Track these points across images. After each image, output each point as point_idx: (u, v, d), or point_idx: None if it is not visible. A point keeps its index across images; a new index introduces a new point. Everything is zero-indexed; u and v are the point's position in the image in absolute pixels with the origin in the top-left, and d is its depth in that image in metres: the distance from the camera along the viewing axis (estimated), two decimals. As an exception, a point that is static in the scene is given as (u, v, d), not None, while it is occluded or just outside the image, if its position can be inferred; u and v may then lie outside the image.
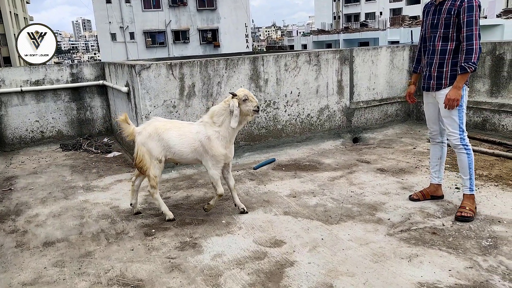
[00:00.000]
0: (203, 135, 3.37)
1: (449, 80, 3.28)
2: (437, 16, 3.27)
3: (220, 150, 3.37)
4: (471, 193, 3.35)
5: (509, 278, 2.49)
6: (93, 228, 3.51)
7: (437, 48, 3.30)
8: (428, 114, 3.62)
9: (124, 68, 5.29)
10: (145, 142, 3.41)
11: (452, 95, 3.21)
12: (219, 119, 3.38)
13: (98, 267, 2.88)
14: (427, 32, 3.41)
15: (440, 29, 3.25)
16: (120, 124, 3.51)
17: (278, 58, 5.42)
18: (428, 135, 3.73)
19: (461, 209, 3.33)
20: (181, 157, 3.46)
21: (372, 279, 2.55)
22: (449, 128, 3.35)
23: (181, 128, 3.45)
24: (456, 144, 3.34)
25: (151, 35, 35.31)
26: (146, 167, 3.43)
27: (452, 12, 3.16)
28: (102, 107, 6.91)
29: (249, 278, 2.64)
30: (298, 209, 3.67)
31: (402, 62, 6.56)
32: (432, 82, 3.38)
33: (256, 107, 3.36)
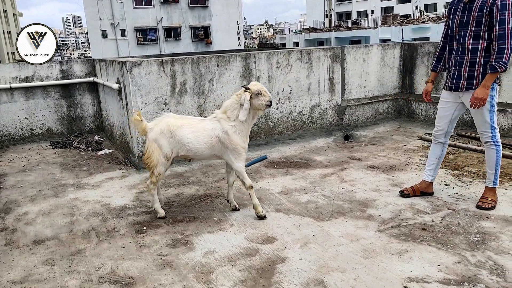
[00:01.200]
0: (220, 130, 3.32)
1: (480, 80, 3.21)
2: (467, 13, 3.21)
3: (240, 142, 3.33)
4: (494, 186, 3.43)
5: (496, 273, 2.53)
6: (83, 226, 3.49)
7: (467, 46, 3.23)
8: (443, 112, 3.52)
9: (115, 65, 5.25)
10: (156, 139, 3.35)
11: (480, 94, 3.14)
12: (233, 113, 3.33)
13: (88, 265, 2.86)
14: (454, 30, 3.34)
15: (471, 27, 3.19)
16: (133, 122, 3.43)
17: (270, 56, 5.42)
18: (433, 133, 3.65)
19: (483, 199, 3.42)
20: (196, 153, 3.41)
21: (363, 275, 2.58)
22: (481, 127, 3.34)
23: (194, 124, 3.39)
24: (487, 141, 3.37)
25: (143, 32, 35.03)
26: (153, 164, 3.38)
27: (484, 10, 3.10)
28: (92, 104, 6.85)
29: (240, 275, 2.65)
30: (289, 206, 3.69)
31: (393, 60, 6.60)
32: (462, 81, 3.30)
33: (269, 102, 3.33)
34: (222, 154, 3.41)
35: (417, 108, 6.57)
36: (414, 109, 6.62)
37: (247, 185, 3.40)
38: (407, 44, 6.79)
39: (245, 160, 3.43)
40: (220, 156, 3.44)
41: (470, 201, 3.57)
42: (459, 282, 2.45)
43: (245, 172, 3.43)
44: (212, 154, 3.42)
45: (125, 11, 33.77)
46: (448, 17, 3.45)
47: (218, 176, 4.60)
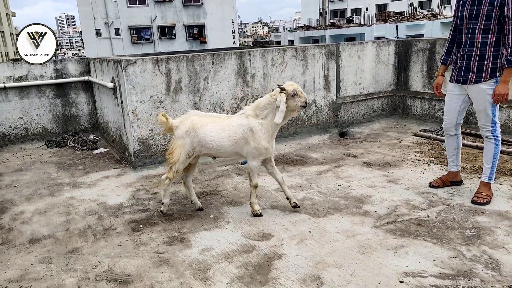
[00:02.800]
0: (246, 126, 3.27)
1: (489, 74, 3.24)
2: (477, 7, 3.22)
3: (262, 142, 3.27)
4: (489, 181, 3.45)
5: (491, 267, 2.56)
6: (80, 224, 3.48)
7: (477, 40, 3.25)
8: (450, 106, 3.57)
9: (110, 63, 5.23)
10: (181, 137, 3.33)
11: (502, 90, 3.17)
12: (262, 112, 3.28)
13: (85, 263, 2.86)
14: (463, 23, 3.35)
15: (481, 21, 3.19)
16: (159, 122, 3.40)
17: (265, 53, 5.43)
18: (443, 127, 3.71)
19: (478, 194, 3.45)
20: (219, 151, 3.36)
21: (359, 270, 2.59)
22: (482, 121, 3.38)
23: (219, 122, 3.35)
24: (487, 135, 3.41)
25: (137, 31, 34.89)
26: (173, 161, 3.36)
27: (495, 4, 3.12)
28: (87, 103, 6.82)
29: (237, 271, 2.66)
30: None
31: (387, 57, 6.63)
32: (471, 75, 3.32)
33: (304, 103, 3.26)
34: (242, 151, 3.34)
35: (412, 104, 6.60)
36: (409, 106, 6.65)
37: (254, 183, 3.39)
38: (401, 41, 6.82)
39: (261, 161, 3.36)
40: (241, 154, 3.37)
41: (465, 196, 3.60)
42: (454, 277, 2.47)
43: (257, 173, 3.40)
44: (235, 151, 3.36)
45: (119, 10, 33.61)
46: (457, 10, 3.44)
47: (214, 174, 4.60)
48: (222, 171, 4.68)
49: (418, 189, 3.82)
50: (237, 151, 3.36)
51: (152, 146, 4.90)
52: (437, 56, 6.14)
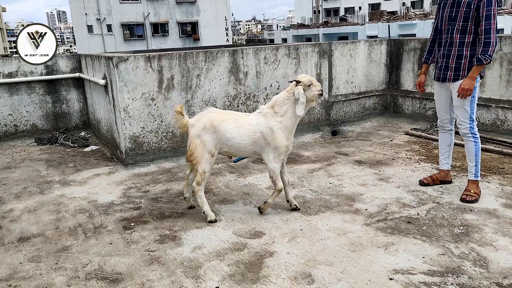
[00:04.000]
0: (265, 126, 3.20)
1: (467, 72, 3.38)
2: (456, 9, 3.35)
3: (283, 141, 3.21)
4: (475, 179, 3.52)
5: (479, 264, 2.59)
6: (70, 222, 3.45)
7: (455, 40, 3.39)
8: (440, 103, 3.70)
9: (101, 60, 5.19)
10: (199, 135, 3.20)
11: (467, 85, 3.31)
12: (281, 108, 3.21)
13: (75, 261, 2.84)
14: (443, 24, 3.48)
15: (459, 22, 3.33)
16: (175, 115, 3.28)
17: (257, 51, 5.42)
18: (438, 124, 3.82)
19: (466, 192, 3.51)
20: (238, 150, 3.27)
21: (350, 268, 2.61)
22: (460, 117, 3.48)
23: (238, 119, 3.26)
24: (465, 133, 3.49)
25: (129, 28, 34.63)
26: (197, 161, 3.22)
27: (472, 6, 3.25)
28: (78, 100, 6.76)
29: (229, 269, 2.66)
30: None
31: (379, 56, 6.66)
32: (449, 73, 3.46)
33: (321, 91, 3.28)
34: (262, 152, 3.26)
35: (404, 103, 6.65)
36: (400, 105, 6.70)
37: (278, 187, 3.30)
38: (393, 40, 6.86)
39: (282, 161, 3.30)
40: (259, 153, 3.29)
41: (454, 194, 3.64)
42: (443, 273, 2.50)
43: (279, 175, 3.31)
44: (254, 151, 3.28)
45: (111, 6, 33.32)
46: (438, 11, 3.58)
47: (206, 171, 4.58)
48: (214, 169, 4.67)
49: (409, 187, 3.85)
50: (256, 150, 3.28)
51: (144, 143, 4.88)
52: (428, 55, 6.18)
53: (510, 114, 5.25)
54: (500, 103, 5.34)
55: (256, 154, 3.33)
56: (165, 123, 4.95)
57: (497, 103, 5.36)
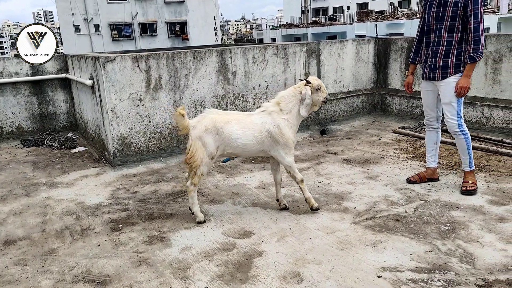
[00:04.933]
0: (271, 124, 3.18)
1: (454, 69, 3.44)
2: (442, 8, 3.40)
3: (291, 137, 3.22)
4: (471, 169, 3.62)
5: (466, 260, 2.62)
6: (57, 225, 3.41)
7: (443, 39, 3.44)
8: (427, 101, 3.75)
9: (88, 60, 5.13)
10: (200, 137, 3.12)
11: (464, 83, 3.37)
12: (287, 105, 3.21)
13: (62, 264, 2.80)
14: (430, 24, 3.53)
15: (447, 21, 3.38)
16: (176, 117, 3.19)
17: (246, 51, 5.41)
18: (425, 121, 3.86)
19: (465, 183, 3.60)
20: (244, 150, 3.23)
21: (338, 266, 2.62)
22: (448, 114, 3.54)
23: (242, 120, 3.21)
24: (455, 131, 3.55)
25: (117, 28, 34.32)
26: (196, 164, 3.14)
27: (459, 4, 3.30)
28: (65, 101, 6.67)
29: (217, 270, 2.65)
30: (266, 200, 3.71)
31: (367, 55, 6.70)
32: (438, 71, 3.51)
33: (325, 99, 3.32)
34: (270, 150, 3.25)
35: (391, 102, 6.71)
36: (388, 103, 6.75)
37: (299, 179, 3.30)
38: (381, 39, 6.91)
39: (293, 155, 3.31)
40: (267, 152, 3.28)
41: (441, 192, 3.68)
42: (430, 270, 2.53)
43: (295, 166, 3.33)
44: (261, 150, 3.26)
45: (99, 5, 32.98)
46: (424, 11, 3.63)
47: (195, 172, 4.56)
48: (203, 169, 4.66)
49: (397, 185, 3.88)
50: (263, 149, 3.26)
51: (132, 144, 4.83)
52: (415, 54, 6.24)
53: (495, 112, 5.33)
54: (485, 101, 5.42)
55: (263, 152, 3.31)
56: (153, 124, 4.92)
57: (482, 101, 5.44)
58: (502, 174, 4.00)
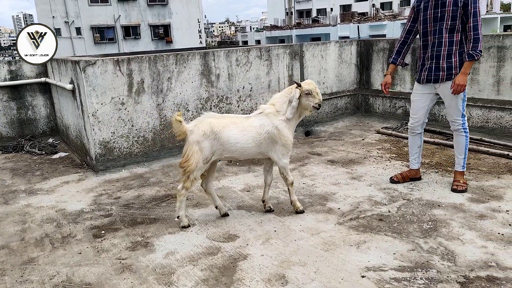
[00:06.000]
0: (270, 126, 3.17)
1: (458, 70, 3.43)
2: (441, 9, 3.39)
3: (290, 138, 3.24)
4: (463, 170, 3.69)
5: (447, 258, 2.66)
6: (36, 233, 3.33)
7: (444, 40, 3.42)
8: (419, 105, 3.68)
9: (68, 64, 5.05)
10: (198, 141, 3.09)
11: (461, 81, 3.37)
12: (282, 106, 3.21)
13: (42, 273, 2.74)
14: (428, 26, 3.49)
15: (447, 21, 3.37)
16: (173, 122, 3.12)
17: (229, 53, 5.40)
18: (410, 126, 3.80)
19: (456, 183, 3.66)
20: (242, 153, 3.21)
21: (323, 267, 2.63)
22: (453, 116, 3.56)
23: (240, 123, 3.19)
24: (458, 129, 3.59)
25: (100, 31, 33.88)
26: (191, 169, 3.10)
27: (459, 3, 3.30)
28: (45, 106, 6.55)
29: (202, 274, 2.63)
30: (251, 203, 3.70)
31: (350, 57, 6.77)
32: (441, 73, 3.48)
33: (317, 104, 3.24)
34: (268, 151, 3.24)
35: (374, 103, 6.78)
36: (371, 104, 6.83)
37: (290, 181, 3.33)
38: (363, 41, 6.99)
39: (289, 157, 3.34)
40: (265, 154, 3.27)
41: (424, 191, 3.73)
42: (413, 269, 2.55)
43: (289, 169, 3.36)
44: (259, 152, 3.25)
45: (80, 8, 32.52)
46: (417, 14, 3.58)
47: (179, 176, 4.50)
48: (187, 173, 4.62)
49: (380, 185, 3.92)
50: (262, 151, 3.25)
51: (115, 149, 4.77)
52: (396, 55, 6.32)
53: (475, 111, 5.44)
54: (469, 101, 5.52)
55: (261, 154, 3.30)
56: (136, 128, 4.86)
57: (462, 100, 5.54)
58: (482, 172, 4.08)
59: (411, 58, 5.88)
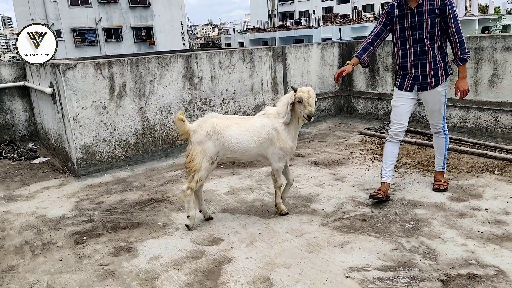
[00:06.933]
0: (270, 127, 3.15)
1: (444, 76, 3.45)
2: (418, 18, 3.34)
3: (288, 142, 3.19)
4: (443, 170, 3.77)
5: (429, 256, 2.70)
6: (16, 240, 3.25)
7: (427, 48, 3.38)
8: (403, 110, 3.56)
9: (47, 67, 4.95)
10: (201, 141, 3.09)
11: (465, 86, 3.43)
12: (282, 109, 3.16)
13: (22, 281, 2.68)
14: (406, 35, 3.42)
15: (427, 29, 3.34)
16: (175, 122, 3.12)
17: (212, 56, 5.39)
18: (392, 132, 3.61)
19: (437, 182, 3.74)
20: (243, 154, 3.19)
21: (307, 269, 2.64)
22: (435, 119, 3.62)
23: (242, 123, 3.19)
24: (439, 131, 3.67)
25: (80, 33, 33.35)
26: (195, 168, 3.10)
27: (436, 11, 3.29)
28: (24, 110, 6.41)
29: (186, 278, 2.61)
30: (236, 206, 3.69)
31: (332, 59, 6.83)
32: (429, 81, 3.46)
33: (306, 115, 3.07)
34: (267, 153, 3.22)
35: (357, 104, 6.86)
36: (354, 105, 6.90)
37: (278, 184, 3.32)
38: (345, 43, 7.07)
39: (285, 162, 3.31)
40: (265, 155, 3.25)
41: (406, 190, 3.79)
42: (395, 268, 2.59)
43: (285, 174, 3.37)
44: (259, 153, 3.23)
45: (60, 10, 31.94)
46: (392, 21, 3.48)
47: (162, 179, 4.49)
48: (171, 176, 4.59)
49: (363, 186, 3.96)
50: (262, 153, 3.23)
51: (97, 153, 4.70)
52: (377, 57, 6.42)
53: (454, 112, 5.56)
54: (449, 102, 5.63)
55: (261, 156, 3.28)
56: (118, 131, 4.80)
57: (442, 101, 5.65)
58: (461, 171, 4.16)
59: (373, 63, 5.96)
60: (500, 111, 5.16)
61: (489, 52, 5.22)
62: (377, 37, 3.57)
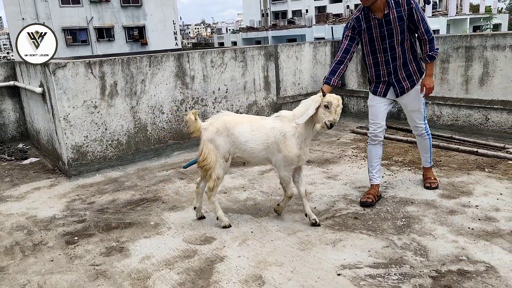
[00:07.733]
0: (278, 131, 3.00)
1: (418, 74, 3.48)
2: (387, 27, 3.31)
3: (294, 150, 2.98)
4: (430, 165, 3.82)
5: (420, 253, 2.72)
6: (6, 241, 3.22)
7: (398, 54, 3.38)
8: (379, 110, 3.56)
9: (37, 67, 4.91)
10: (212, 139, 3.03)
11: (430, 83, 3.41)
12: (299, 111, 2.99)
13: (12, 282, 2.65)
14: (375, 44, 3.39)
15: (397, 36, 3.33)
16: (187, 120, 3.06)
17: (204, 55, 5.38)
18: (373, 133, 3.58)
19: (428, 179, 3.77)
20: (251, 155, 3.07)
21: (299, 267, 2.65)
22: (417, 121, 3.62)
23: (254, 122, 3.07)
24: (422, 133, 3.68)
25: (72, 33, 33.08)
26: (210, 166, 3.04)
27: (404, 17, 3.28)
28: (14, 110, 6.34)
29: (178, 278, 2.60)
30: (228, 205, 3.69)
31: (324, 58, 6.85)
32: (405, 83, 3.46)
33: (330, 123, 2.90)
34: (273, 159, 3.08)
35: (349, 103, 6.89)
36: (346, 104, 6.93)
37: (289, 194, 3.21)
38: (337, 42, 7.08)
39: (292, 170, 3.11)
40: (271, 161, 3.10)
41: (397, 188, 3.81)
42: (387, 265, 2.60)
43: (290, 183, 3.17)
44: (266, 157, 3.09)
45: (51, 10, 31.65)
46: (359, 34, 3.41)
47: (154, 179, 4.47)
48: (163, 176, 4.57)
49: (355, 184, 3.98)
50: (268, 157, 3.09)
51: (88, 153, 4.66)
52: (369, 56, 6.44)
53: (445, 110, 5.60)
54: (435, 100, 5.68)
55: (268, 161, 3.14)
56: (110, 131, 4.77)
57: (433, 100, 5.70)
58: (452, 169, 4.20)
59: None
60: (490, 109, 5.21)
61: (480, 51, 5.27)
62: (346, 54, 3.41)
